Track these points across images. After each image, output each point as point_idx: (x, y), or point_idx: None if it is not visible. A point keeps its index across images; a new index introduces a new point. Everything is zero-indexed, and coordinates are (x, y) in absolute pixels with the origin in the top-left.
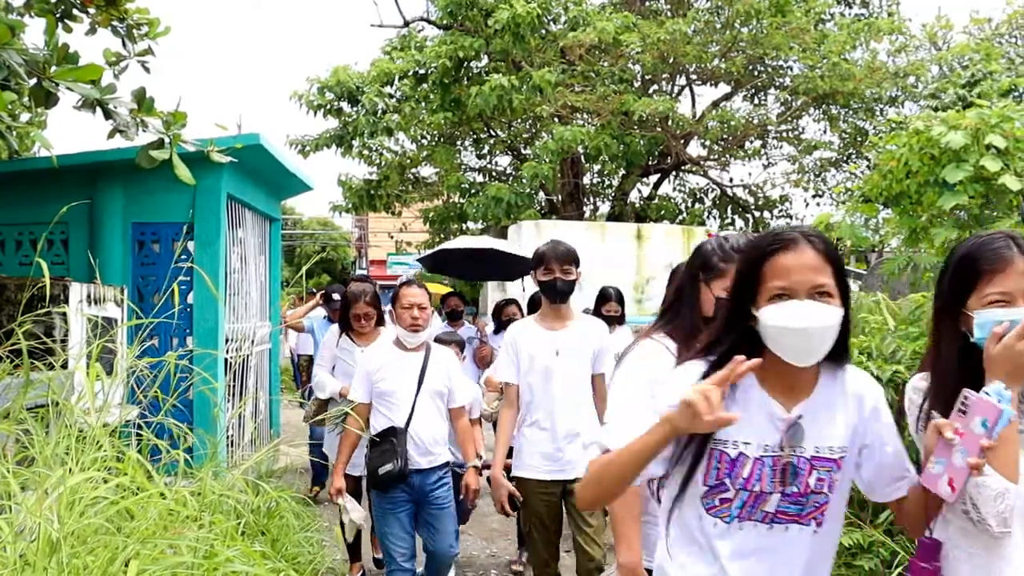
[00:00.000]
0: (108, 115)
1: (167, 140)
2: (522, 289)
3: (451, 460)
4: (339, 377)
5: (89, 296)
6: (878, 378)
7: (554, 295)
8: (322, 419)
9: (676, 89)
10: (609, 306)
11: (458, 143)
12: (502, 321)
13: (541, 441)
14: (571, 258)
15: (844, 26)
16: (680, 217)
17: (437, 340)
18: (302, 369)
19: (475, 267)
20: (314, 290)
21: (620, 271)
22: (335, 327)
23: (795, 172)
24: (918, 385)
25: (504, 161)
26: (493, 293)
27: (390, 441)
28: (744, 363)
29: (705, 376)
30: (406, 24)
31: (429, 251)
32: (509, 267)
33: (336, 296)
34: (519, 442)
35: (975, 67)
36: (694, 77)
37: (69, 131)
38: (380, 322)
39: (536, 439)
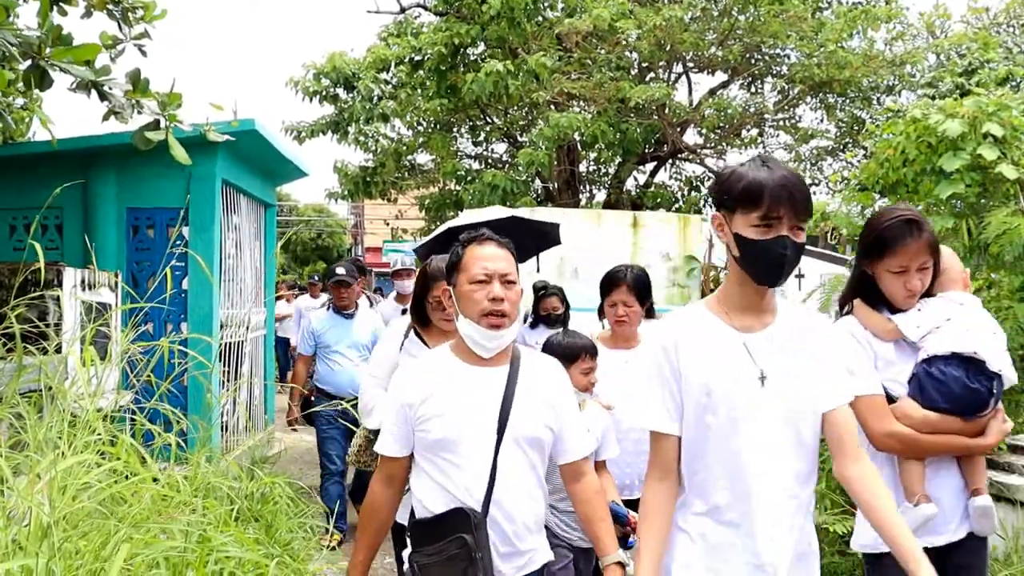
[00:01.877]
0: (103, 96)
1: (163, 121)
2: (536, 269)
3: (550, 559)
4: None
5: (83, 281)
6: None
7: (773, 273)
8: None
9: (673, 77)
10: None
11: (454, 130)
12: (541, 316)
13: (726, 548)
14: (809, 203)
15: (841, 14)
16: (676, 205)
17: (551, 349)
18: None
19: None
20: (316, 278)
21: (615, 259)
22: (397, 322)
23: (792, 161)
24: None
25: (500, 148)
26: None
27: (460, 539)
28: None
29: None
30: (402, 10)
31: (428, 237)
32: (524, 241)
33: (341, 271)
34: (676, 546)
35: (972, 56)
36: (691, 65)
37: (61, 118)
38: None
39: (715, 544)
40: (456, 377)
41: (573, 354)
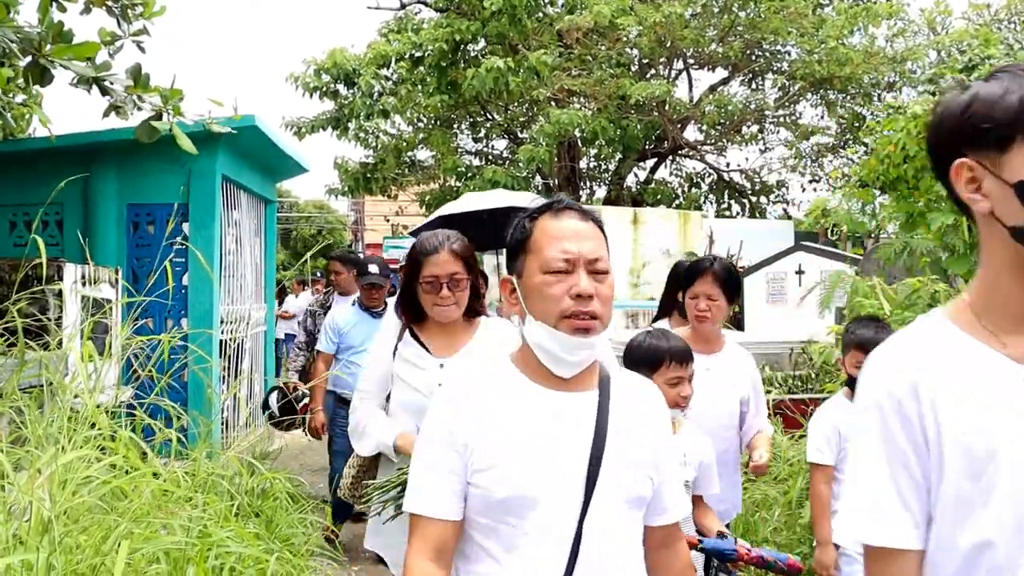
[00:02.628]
0: (104, 92)
1: (167, 113)
2: None
3: None
4: (398, 415)
5: (84, 277)
6: None
7: None
8: (368, 496)
9: (673, 73)
10: None
11: (454, 126)
12: None
13: None
14: None
15: (842, 11)
16: (676, 202)
17: (631, 352)
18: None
19: (479, 236)
20: (318, 273)
21: (616, 255)
22: (388, 321)
23: (792, 157)
24: None
25: (500, 145)
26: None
27: None
28: None
29: None
30: (403, 6)
31: (426, 220)
32: None
33: (374, 269)
34: None
35: (973, 52)
36: (691, 61)
37: (62, 114)
38: (476, 302)
39: None
40: (527, 405)
41: (656, 359)
